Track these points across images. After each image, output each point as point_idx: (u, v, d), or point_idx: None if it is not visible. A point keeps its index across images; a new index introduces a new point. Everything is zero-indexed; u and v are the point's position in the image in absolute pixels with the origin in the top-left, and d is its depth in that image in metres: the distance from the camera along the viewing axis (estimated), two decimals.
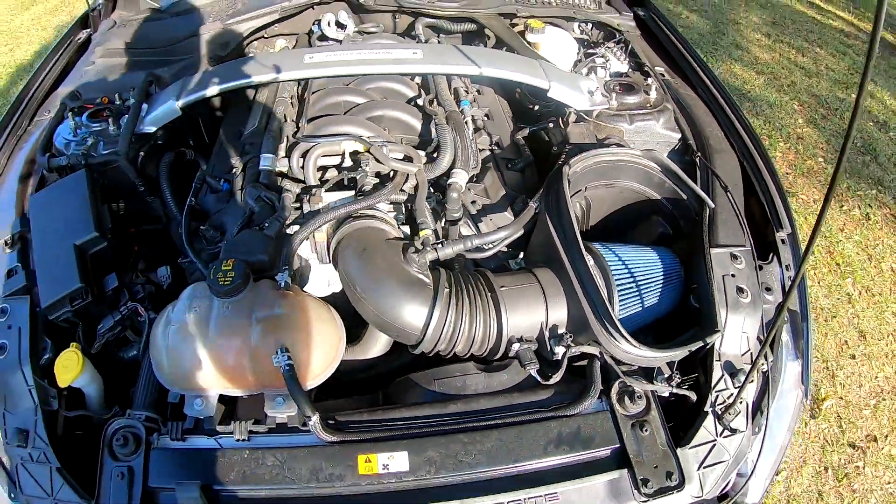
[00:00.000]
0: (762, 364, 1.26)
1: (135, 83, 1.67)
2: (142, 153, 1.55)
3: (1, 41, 5.10)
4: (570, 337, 1.15)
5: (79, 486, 1.07)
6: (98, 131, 1.52)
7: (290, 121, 1.58)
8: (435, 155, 1.42)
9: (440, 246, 1.23)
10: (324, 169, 1.45)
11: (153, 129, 1.53)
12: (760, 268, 1.36)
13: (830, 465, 2.53)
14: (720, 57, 5.34)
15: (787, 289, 1.17)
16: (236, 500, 1.06)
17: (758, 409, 1.25)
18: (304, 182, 1.42)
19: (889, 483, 2.51)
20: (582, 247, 1.13)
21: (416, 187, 1.33)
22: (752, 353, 1.26)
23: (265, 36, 2.06)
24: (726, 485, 1.18)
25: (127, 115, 1.52)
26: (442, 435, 1.08)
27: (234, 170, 1.50)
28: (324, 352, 1.13)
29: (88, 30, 2.11)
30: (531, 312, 1.17)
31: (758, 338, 1.28)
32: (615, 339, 1.09)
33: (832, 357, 2.93)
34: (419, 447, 1.07)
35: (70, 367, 1.12)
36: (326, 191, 1.36)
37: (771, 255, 1.41)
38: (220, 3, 2.05)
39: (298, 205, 1.36)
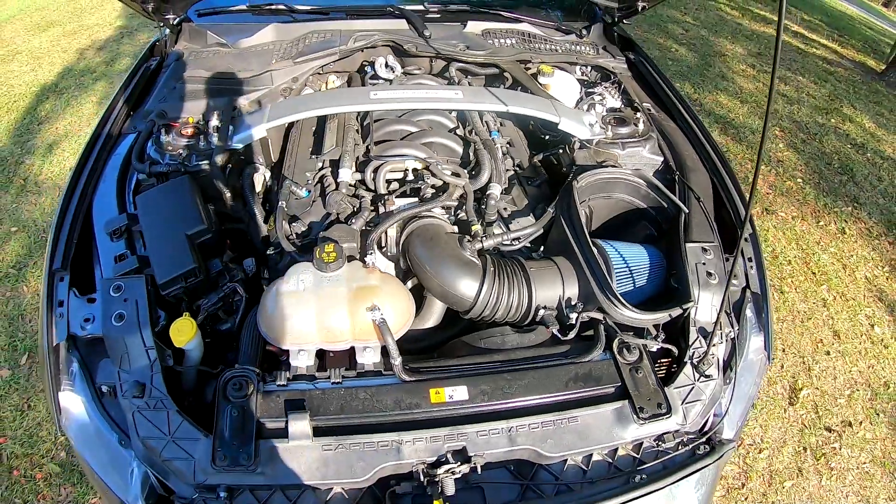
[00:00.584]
0: (729, 330, 1.64)
1: (216, 107, 1.95)
2: (229, 166, 1.83)
3: (22, 60, 5.33)
4: (581, 306, 1.55)
5: (196, 424, 1.25)
6: (189, 145, 1.78)
7: (359, 143, 1.95)
8: (474, 172, 1.84)
9: (485, 238, 1.65)
10: (390, 181, 1.85)
11: (240, 146, 1.80)
12: (727, 259, 1.75)
13: (809, 446, 2.78)
14: (707, 88, 5.68)
15: (732, 264, 1.44)
16: (336, 427, 1.30)
17: (728, 365, 1.60)
18: (374, 191, 1.80)
19: (865, 463, 2.75)
20: (589, 240, 1.54)
21: (463, 196, 1.74)
22: (720, 322, 1.64)
23: (320, 72, 2.36)
24: (706, 422, 1.54)
25: (214, 133, 1.77)
26: (491, 374, 1.42)
27: (309, 182, 1.83)
28: (401, 313, 1.47)
29: (157, 58, 2.34)
30: (552, 287, 1.57)
31: (725, 311, 1.66)
32: (615, 305, 1.49)
33: (808, 353, 3.18)
34: (475, 382, 1.37)
35: (185, 331, 1.35)
36: (396, 197, 1.76)
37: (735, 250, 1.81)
38: (282, 45, 2.32)
39: (373, 208, 1.75)
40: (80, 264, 1.53)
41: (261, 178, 1.98)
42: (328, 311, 1.38)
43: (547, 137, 2.19)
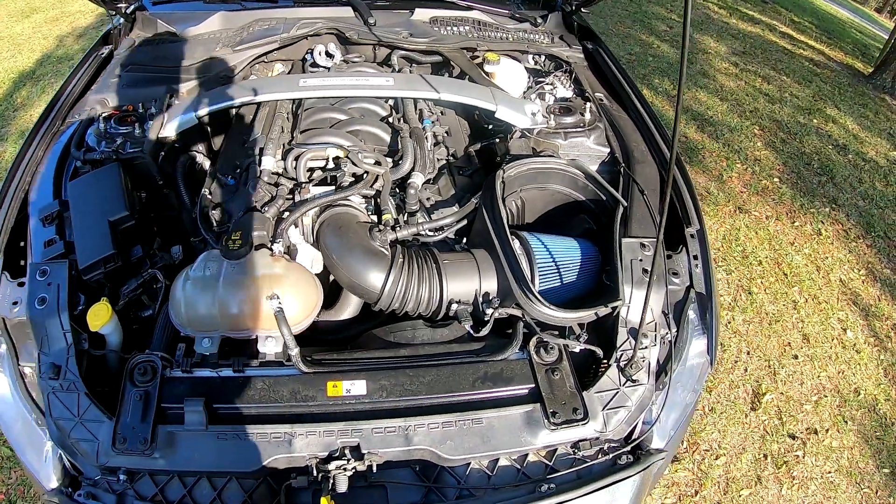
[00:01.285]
0: (665, 332, 1.54)
1: (155, 95, 1.96)
2: (162, 153, 1.82)
3: (3, 47, 5.30)
4: (498, 301, 1.45)
5: (103, 408, 1.29)
6: (125, 133, 1.79)
7: (286, 131, 1.89)
8: (399, 161, 1.74)
9: (399, 228, 1.57)
10: (312, 170, 1.77)
11: (173, 134, 1.80)
12: (669, 256, 1.65)
13: (770, 454, 2.65)
14: (687, 84, 5.55)
15: (654, 261, 1.40)
16: (232, 416, 1.30)
17: (662, 369, 1.51)
18: (296, 179, 1.73)
19: (829, 472, 2.63)
20: (508, 232, 1.44)
21: (383, 185, 1.65)
22: (655, 323, 1.55)
23: (265, 60, 2.36)
24: (633, 429, 1.45)
25: (150, 121, 1.79)
26: (392, 369, 1.36)
27: (239, 169, 1.79)
28: (305, 303, 1.44)
29: (110, 46, 2.35)
30: (467, 280, 1.47)
31: (662, 312, 1.57)
32: (532, 301, 1.39)
33: (774, 357, 3.06)
34: (375, 377, 1.33)
35: (101, 316, 1.37)
36: (313, 185, 1.68)
37: (681, 246, 1.70)
38: (227, 32, 2.32)
39: (291, 196, 1.67)
40: (18, 249, 1.59)
41: (199, 165, 1.99)
42: (230, 298, 1.38)
43: (490, 127, 2.09)
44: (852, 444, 2.78)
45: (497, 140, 1.89)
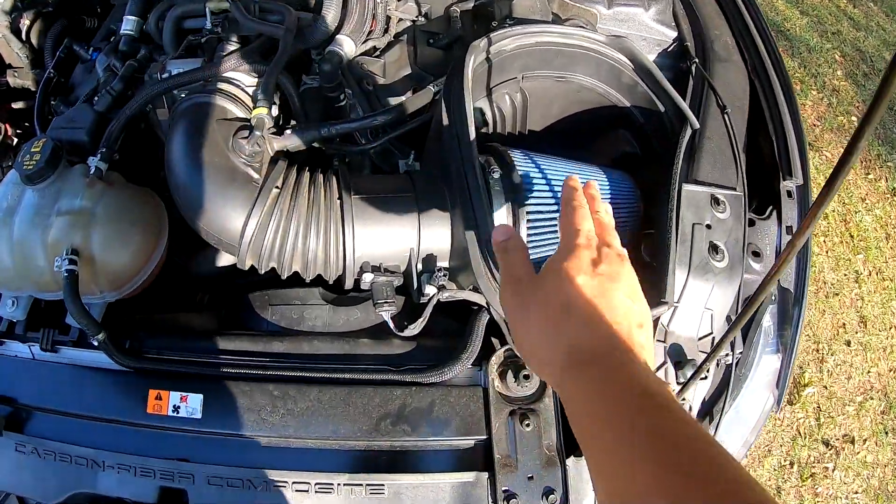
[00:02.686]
0: (726, 355, 0.93)
1: None
2: (27, 22, 1.31)
3: None
4: (445, 275, 0.80)
5: None
6: None
7: None
8: (319, 14, 1.03)
9: (288, 132, 0.89)
10: (186, 32, 1.10)
11: None
12: (752, 223, 0.99)
13: (797, 461, 2.28)
14: None
15: (779, 256, 0.82)
16: (36, 419, 0.91)
17: (707, 413, 0.92)
18: (162, 46, 1.10)
19: (857, 492, 2.28)
20: (474, 149, 0.76)
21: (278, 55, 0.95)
22: (713, 339, 0.92)
23: None
24: None
25: None
26: (248, 381, 0.81)
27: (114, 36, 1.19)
28: (135, 253, 0.89)
29: None
30: (394, 234, 0.81)
31: (727, 318, 0.93)
32: (498, 283, 0.74)
33: (825, 339, 2.63)
34: (218, 393, 0.82)
35: None
36: (173, 59, 1.01)
37: (770, 208, 1.05)
38: None
39: (139, 77, 1.04)
40: None
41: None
42: (29, 244, 0.93)
43: None
44: (886, 462, 2.40)
45: None
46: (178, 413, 0.81)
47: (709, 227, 0.91)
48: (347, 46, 0.99)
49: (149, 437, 0.83)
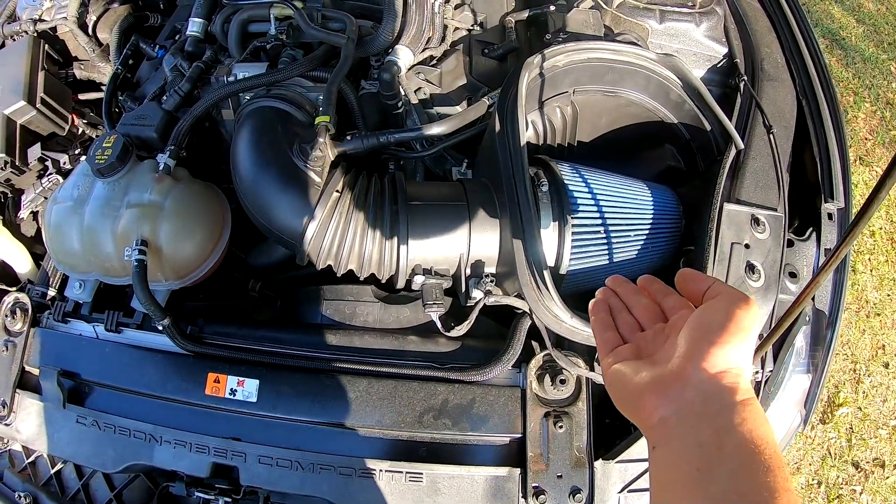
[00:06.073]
0: (756, 372, 0.95)
1: None
2: (93, 17, 1.39)
3: None
4: (492, 280, 0.84)
5: None
6: None
7: None
8: (378, 26, 1.07)
9: (348, 138, 0.95)
10: (250, 37, 1.16)
11: None
12: (791, 244, 1.01)
13: (825, 481, 2.24)
14: None
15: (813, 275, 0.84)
16: (97, 394, 0.99)
17: None
18: (225, 50, 1.17)
19: None
20: (525, 161, 0.80)
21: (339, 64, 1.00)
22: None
23: None
24: None
25: None
26: (303, 371, 0.87)
27: (179, 35, 1.27)
28: (197, 246, 0.97)
29: None
30: (445, 240, 0.86)
31: (760, 336, 0.95)
32: (539, 290, 0.78)
33: (863, 359, 2.54)
34: (273, 379, 0.88)
35: None
36: (238, 62, 1.07)
37: (811, 230, 1.06)
38: None
39: (205, 79, 1.11)
40: None
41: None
42: (98, 232, 0.98)
43: None
44: None
45: (552, 7, 1.19)
46: (234, 396, 0.88)
47: (747, 246, 0.93)
48: (405, 56, 1.04)
49: (203, 417, 0.90)
